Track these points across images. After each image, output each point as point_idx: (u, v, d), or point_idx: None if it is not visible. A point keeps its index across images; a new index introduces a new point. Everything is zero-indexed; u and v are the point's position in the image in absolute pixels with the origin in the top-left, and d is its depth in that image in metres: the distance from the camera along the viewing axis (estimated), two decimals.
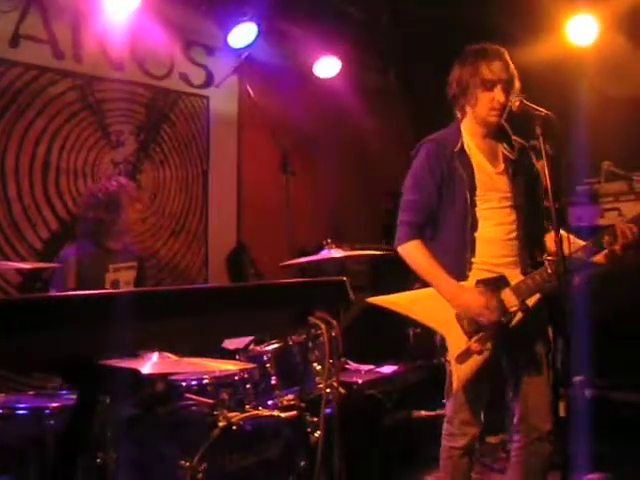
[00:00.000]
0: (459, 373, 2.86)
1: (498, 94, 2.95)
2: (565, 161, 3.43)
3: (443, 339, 2.91)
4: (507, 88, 2.96)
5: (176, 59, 5.17)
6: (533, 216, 3.06)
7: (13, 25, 4.26)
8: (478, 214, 2.95)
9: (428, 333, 2.99)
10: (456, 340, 2.87)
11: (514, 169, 3.04)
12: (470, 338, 2.86)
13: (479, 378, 2.90)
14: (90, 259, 3.57)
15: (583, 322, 3.51)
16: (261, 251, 5.32)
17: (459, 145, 3.01)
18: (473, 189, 2.96)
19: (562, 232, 2.72)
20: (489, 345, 2.86)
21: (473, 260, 2.94)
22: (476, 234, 2.95)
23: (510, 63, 3.00)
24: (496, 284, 2.91)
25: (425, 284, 2.98)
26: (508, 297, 2.90)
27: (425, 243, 2.99)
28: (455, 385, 2.89)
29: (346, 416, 3.36)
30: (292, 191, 5.66)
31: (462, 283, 2.91)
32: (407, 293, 3.03)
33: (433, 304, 2.92)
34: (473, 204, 2.95)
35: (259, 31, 4.99)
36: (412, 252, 2.99)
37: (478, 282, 2.91)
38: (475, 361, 2.86)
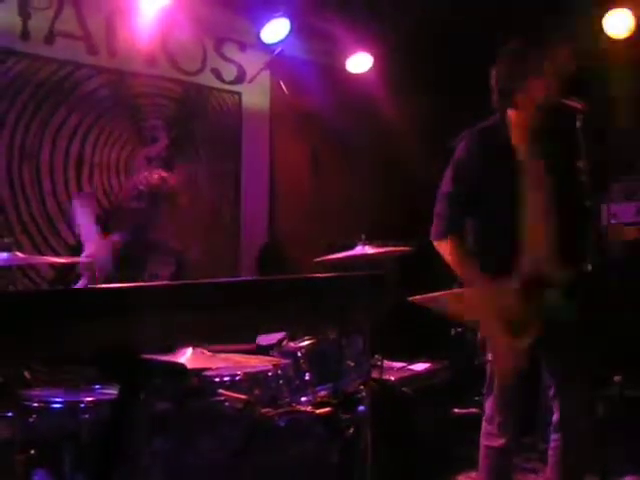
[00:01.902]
0: (502, 373, 2.82)
1: (555, 80, 2.90)
2: (599, 157, 3.37)
3: (485, 338, 2.87)
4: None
5: (208, 55, 5.18)
6: (569, 212, 3.00)
7: (48, 22, 4.30)
8: (522, 210, 2.88)
9: (470, 332, 2.96)
10: (500, 339, 2.82)
11: (554, 164, 2.97)
12: (511, 337, 2.81)
13: (520, 377, 2.86)
14: (130, 250, 3.61)
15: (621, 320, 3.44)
16: (293, 247, 5.31)
17: (505, 138, 2.95)
18: (519, 184, 2.89)
19: None
20: (529, 344, 2.81)
21: (515, 257, 2.87)
22: (520, 230, 2.88)
23: None
24: (536, 283, 2.85)
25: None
26: (545, 297, 2.85)
27: (464, 236, 2.94)
28: (498, 385, 2.84)
29: (379, 414, 3.36)
30: (324, 187, 5.65)
31: (501, 281, 2.85)
32: (449, 292, 2.97)
33: (476, 303, 2.87)
34: (517, 199, 2.88)
35: (291, 27, 4.97)
36: (447, 248, 2.94)
37: (516, 281, 2.85)
38: (517, 361, 2.82)
